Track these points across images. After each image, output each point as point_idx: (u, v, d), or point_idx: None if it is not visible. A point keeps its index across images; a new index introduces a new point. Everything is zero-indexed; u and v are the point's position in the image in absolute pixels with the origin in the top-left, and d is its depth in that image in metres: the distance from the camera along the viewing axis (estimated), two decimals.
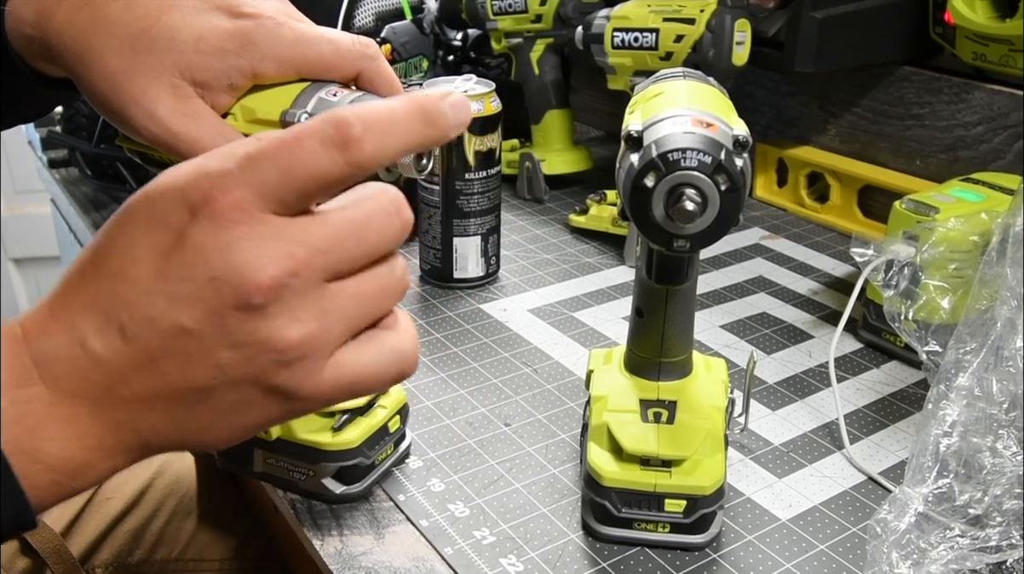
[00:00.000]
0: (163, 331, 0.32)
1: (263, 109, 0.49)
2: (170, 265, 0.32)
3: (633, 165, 0.43)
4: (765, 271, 0.87)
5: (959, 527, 0.48)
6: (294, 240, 0.32)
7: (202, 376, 0.33)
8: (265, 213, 0.32)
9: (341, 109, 0.34)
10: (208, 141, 0.45)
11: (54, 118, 1.13)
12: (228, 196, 0.32)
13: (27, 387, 0.32)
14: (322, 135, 0.33)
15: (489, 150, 0.80)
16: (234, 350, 0.33)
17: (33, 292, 2.13)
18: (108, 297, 0.33)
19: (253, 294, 0.32)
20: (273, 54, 0.47)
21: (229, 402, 0.34)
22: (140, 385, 0.33)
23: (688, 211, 0.42)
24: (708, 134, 0.43)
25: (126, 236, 0.33)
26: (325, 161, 0.33)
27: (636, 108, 0.48)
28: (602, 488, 0.52)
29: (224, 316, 0.32)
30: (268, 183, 0.32)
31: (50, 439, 0.33)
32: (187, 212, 0.32)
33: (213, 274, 0.32)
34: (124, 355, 0.33)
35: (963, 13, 0.82)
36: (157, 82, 0.45)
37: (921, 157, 0.93)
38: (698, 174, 0.42)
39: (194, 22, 0.46)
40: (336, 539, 0.53)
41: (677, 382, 0.54)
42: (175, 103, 0.46)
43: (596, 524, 0.53)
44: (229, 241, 0.32)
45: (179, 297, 0.32)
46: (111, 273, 0.33)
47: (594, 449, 0.53)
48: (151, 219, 0.32)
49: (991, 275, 0.53)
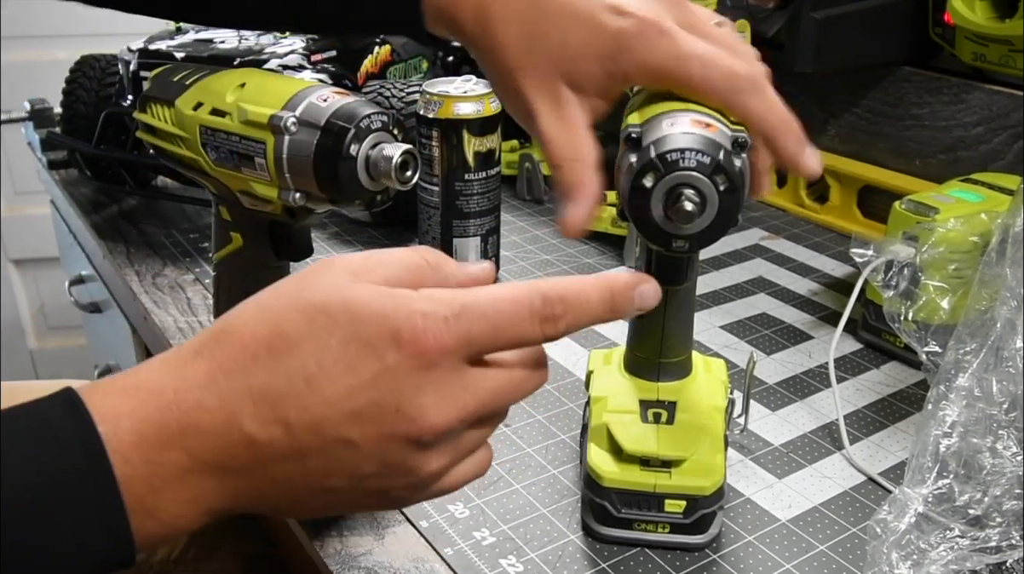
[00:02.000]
0: (327, 438, 0.35)
1: (253, 111, 0.49)
2: (362, 385, 0.34)
3: (632, 165, 0.43)
4: (765, 272, 0.87)
5: (959, 528, 0.48)
6: (469, 390, 0.36)
7: (341, 479, 0.36)
8: (461, 362, 0.35)
9: (542, 284, 0.37)
10: (558, 147, 0.47)
11: (53, 119, 1.13)
12: (438, 342, 0.34)
13: (168, 451, 0.34)
14: (531, 306, 0.36)
15: (489, 151, 0.80)
16: (381, 467, 0.36)
17: (33, 293, 2.13)
18: (282, 393, 0.34)
19: (426, 433, 0.35)
20: (645, 63, 0.45)
21: (345, 499, 0.38)
22: (279, 471, 0.35)
23: (687, 211, 0.42)
24: (707, 134, 0.43)
25: (318, 341, 0.34)
26: (528, 330, 0.36)
27: (635, 109, 0.48)
28: (602, 489, 0.52)
29: (390, 441, 0.35)
30: (475, 338, 0.35)
31: (171, 500, 0.34)
32: (393, 344, 0.34)
33: (399, 406, 0.34)
34: (278, 446, 0.34)
35: (963, 13, 0.82)
36: (542, 82, 0.47)
37: (921, 157, 0.93)
38: (697, 174, 0.42)
39: (586, 21, 0.46)
40: (336, 540, 0.53)
41: (677, 383, 0.54)
42: (550, 107, 0.47)
43: (596, 525, 0.53)
44: (426, 382, 0.35)
45: (357, 416, 0.34)
46: (291, 370, 0.34)
47: (594, 450, 0.53)
48: (351, 336, 0.34)
49: (991, 276, 0.53)
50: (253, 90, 0.51)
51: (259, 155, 0.50)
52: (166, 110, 0.55)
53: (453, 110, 0.79)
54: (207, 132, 0.52)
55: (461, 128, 0.79)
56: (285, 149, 0.49)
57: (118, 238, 0.92)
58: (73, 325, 2.08)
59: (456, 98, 0.79)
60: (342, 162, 0.47)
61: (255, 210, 0.54)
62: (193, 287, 0.83)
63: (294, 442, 0.34)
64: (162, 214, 0.98)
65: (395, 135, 0.50)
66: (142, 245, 0.91)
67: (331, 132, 0.47)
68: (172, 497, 0.34)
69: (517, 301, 0.36)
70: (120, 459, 0.33)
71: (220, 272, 0.59)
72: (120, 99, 0.95)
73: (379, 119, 0.48)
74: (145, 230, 0.94)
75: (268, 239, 0.56)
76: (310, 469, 0.35)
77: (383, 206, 0.51)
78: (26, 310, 2.15)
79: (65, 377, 1.37)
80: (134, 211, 0.99)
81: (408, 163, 0.48)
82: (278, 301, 0.36)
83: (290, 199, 0.50)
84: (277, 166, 0.49)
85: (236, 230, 0.56)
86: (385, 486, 0.37)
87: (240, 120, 0.50)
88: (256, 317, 0.36)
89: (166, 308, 0.79)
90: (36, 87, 1.22)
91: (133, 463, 0.33)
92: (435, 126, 0.79)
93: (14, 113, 1.18)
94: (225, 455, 0.34)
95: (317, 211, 0.53)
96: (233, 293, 0.58)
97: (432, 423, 0.35)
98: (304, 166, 0.49)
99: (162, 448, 0.33)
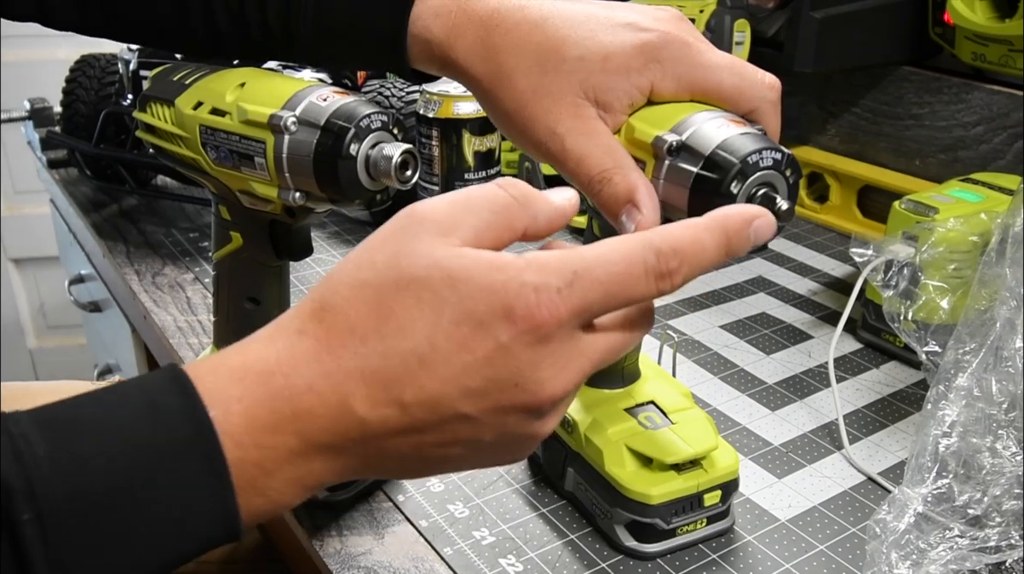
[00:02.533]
0: (443, 414, 0.34)
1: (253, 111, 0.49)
2: (477, 364, 0.33)
3: (700, 174, 0.41)
4: (765, 271, 0.87)
5: (958, 527, 0.48)
6: (585, 355, 0.35)
7: (457, 449, 0.35)
8: (576, 330, 0.35)
9: (654, 237, 0.35)
10: (596, 159, 0.45)
11: (53, 118, 1.13)
12: (553, 315, 0.33)
13: (279, 435, 0.33)
14: (645, 264, 0.35)
15: (488, 150, 0.80)
16: (499, 436, 0.35)
17: (32, 292, 2.13)
18: (397, 374, 0.34)
19: (544, 403, 0.35)
20: (675, 74, 0.45)
21: (459, 465, 0.37)
22: (392, 445, 0.35)
23: (785, 210, 0.41)
24: (756, 131, 0.42)
25: (427, 321, 0.34)
26: (643, 289, 0.35)
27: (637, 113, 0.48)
28: (650, 507, 0.50)
29: (507, 413, 0.34)
30: (590, 305, 0.34)
31: (280, 480, 0.34)
32: (506, 320, 0.33)
33: (518, 382, 0.34)
34: (393, 424, 0.34)
35: (962, 13, 0.82)
36: (561, 102, 0.45)
37: (920, 157, 0.93)
38: (774, 172, 0.41)
39: (603, 38, 0.45)
40: (336, 539, 0.53)
41: (639, 383, 0.55)
42: (574, 122, 0.45)
43: (645, 546, 0.51)
44: (542, 356, 0.34)
45: (474, 392, 0.34)
46: (404, 351, 0.34)
47: (624, 474, 0.51)
48: (462, 315, 0.33)
49: (990, 275, 0.53)
50: (253, 89, 0.51)
51: (259, 154, 0.50)
52: (166, 109, 0.55)
53: (453, 109, 0.79)
54: (207, 131, 0.52)
55: (461, 128, 0.79)
56: (285, 148, 0.49)
57: (118, 237, 0.92)
58: (73, 324, 2.08)
59: (456, 97, 0.79)
60: (342, 161, 0.47)
61: (255, 209, 0.54)
62: (193, 286, 0.83)
63: (409, 419, 0.34)
64: (162, 213, 0.98)
65: (395, 135, 0.50)
66: (142, 244, 0.91)
67: (331, 131, 0.47)
68: (281, 477, 0.34)
69: (631, 261, 0.34)
70: (231, 443, 0.33)
71: (220, 271, 0.59)
72: (120, 98, 0.95)
73: (379, 118, 0.48)
74: (145, 229, 0.94)
75: (268, 238, 0.55)
76: (426, 442, 0.35)
77: (383, 206, 0.51)
78: (26, 309, 2.15)
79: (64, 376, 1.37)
80: (134, 210, 0.99)
81: (408, 163, 0.48)
82: (375, 274, 0.35)
83: (290, 198, 0.50)
84: (277, 165, 0.49)
85: (236, 229, 0.56)
86: (501, 450, 0.37)
87: (240, 119, 0.50)
88: (356, 294, 0.35)
89: (166, 307, 0.79)
90: (36, 86, 1.22)
91: (244, 446, 0.33)
92: (435, 125, 0.79)
93: (14, 112, 1.18)
94: (337, 437, 0.34)
95: (317, 210, 0.53)
96: (233, 292, 0.58)
97: (551, 394, 0.34)
98: (304, 165, 0.48)
99: (274, 432, 0.33)
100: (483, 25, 0.47)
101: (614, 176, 0.44)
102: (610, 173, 0.44)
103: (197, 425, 0.32)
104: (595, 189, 0.45)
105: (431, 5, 0.48)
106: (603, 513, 0.53)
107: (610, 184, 0.44)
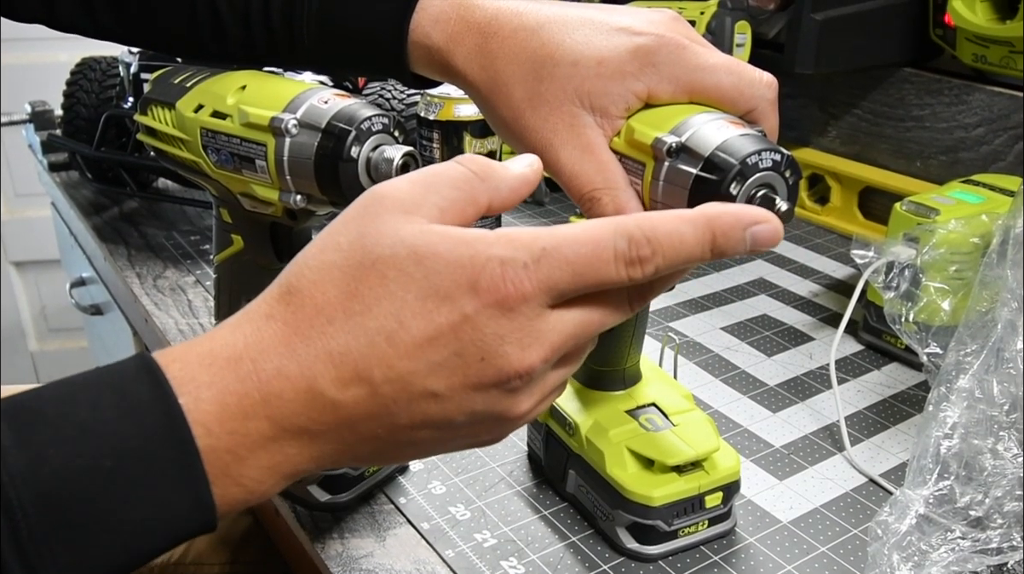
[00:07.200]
0: (412, 392, 0.34)
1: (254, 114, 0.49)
2: (443, 338, 0.33)
3: (699, 175, 0.41)
4: (766, 273, 0.87)
5: (960, 529, 0.48)
6: (555, 331, 0.35)
7: (429, 431, 0.35)
8: (544, 307, 0.34)
9: (629, 221, 0.35)
10: (587, 178, 0.45)
11: (54, 121, 1.13)
12: (519, 289, 0.33)
13: (251, 421, 0.33)
14: (616, 249, 0.34)
15: (489, 152, 0.80)
16: (470, 416, 0.35)
17: (33, 295, 2.13)
18: (364, 353, 0.33)
19: (513, 378, 0.34)
20: (672, 77, 0.45)
21: (433, 448, 0.37)
22: (365, 429, 0.35)
23: (784, 212, 0.41)
24: (756, 132, 0.42)
25: (394, 298, 0.34)
26: (612, 274, 0.34)
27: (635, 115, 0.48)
28: (652, 509, 0.50)
29: (476, 390, 0.34)
30: (556, 283, 0.34)
31: (254, 467, 0.34)
32: (471, 292, 0.33)
33: (484, 355, 0.34)
34: (363, 405, 0.34)
35: (963, 15, 0.82)
36: (557, 111, 0.45)
37: (921, 159, 0.93)
38: (774, 173, 0.41)
39: (597, 43, 0.45)
40: (337, 542, 0.53)
41: (640, 385, 0.54)
42: (569, 134, 0.45)
43: (647, 548, 0.51)
44: (509, 330, 0.34)
45: (442, 367, 0.34)
46: (371, 329, 0.34)
47: (624, 476, 0.51)
48: (427, 287, 0.33)
49: (991, 277, 0.53)
50: (254, 92, 0.51)
51: (260, 157, 0.50)
52: (167, 112, 0.55)
53: (454, 112, 0.79)
54: (208, 134, 0.52)
55: (462, 130, 0.79)
56: (286, 151, 0.49)
57: (119, 240, 0.92)
58: (74, 327, 2.08)
59: (457, 100, 0.79)
60: (343, 164, 0.47)
61: (256, 212, 0.54)
62: (194, 289, 0.83)
63: (379, 400, 0.34)
64: (163, 216, 0.98)
65: (396, 137, 0.50)
66: (143, 247, 0.91)
67: (332, 134, 0.47)
68: (255, 464, 0.34)
69: (600, 244, 0.34)
70: (202, 430, 0.32)
71: (221, 274, 0.59)
72: (121, 101, 0.95)
73: (380, 121, 0.48)
74: (146, 232, 0.94)
75: (269, 241, 0.56)
76: (398, 425, 0.35)
77: None
78: (27, 312, 2.15)
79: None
80: (135, 213, 0.99)
81: (409, 165, 0.48)
82: (340, 256, 0.35)
83: (291, 201, 0.50)
84: (278, 168, 0.49)
85: (237, 232, 0.56)
86: (474, 431, 0.36)
87: (241, 122, 0.50)
88: (322, 276, 0.35)
89: (167, 310, 0.79)
90: (37, 89, 1.22)
91: (215, 434, 0.33)
92: (436, 128, 0.79)
93: (15, 115, 1.18)
94: (309, 420, 0.34)
95: (318, 213, 0.53)
96: (234, 295, 0.58)
97: (517, 369, 0.34)
98: (305, 168, 0.49)
99: (245, 418, 0.33)
100: (481, 32, 0.47)
101: (603, 197, 0.44)
102: (600, 193, 0.44)
103: (167, 414, 0.32)
104: (585, 206, 0.45)
105: (431, 12, 0.48)
106: (604, 515, 0.53)
107: (599, 204, 0.44)
